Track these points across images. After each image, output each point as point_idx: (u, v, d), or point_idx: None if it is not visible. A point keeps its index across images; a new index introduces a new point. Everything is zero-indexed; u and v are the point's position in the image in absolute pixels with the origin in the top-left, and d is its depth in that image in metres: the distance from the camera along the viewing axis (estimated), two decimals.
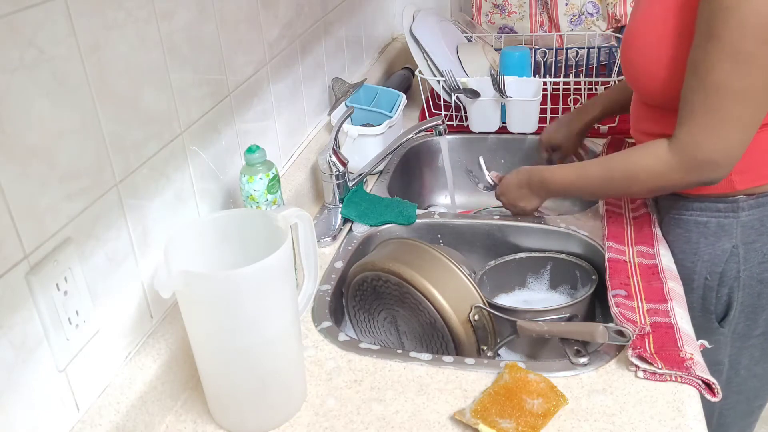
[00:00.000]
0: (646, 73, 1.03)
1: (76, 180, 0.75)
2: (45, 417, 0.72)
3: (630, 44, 1.06)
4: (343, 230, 1.28)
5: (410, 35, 1.65)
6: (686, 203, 1.10)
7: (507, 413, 0.83)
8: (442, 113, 1.68)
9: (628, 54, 1.07)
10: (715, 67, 0.91)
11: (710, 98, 0.93)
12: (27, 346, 0.69)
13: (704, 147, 0.96)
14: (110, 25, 0.80)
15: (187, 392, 0.92)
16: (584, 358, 0.92)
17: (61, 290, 0.72)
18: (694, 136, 0.96)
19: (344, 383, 0.92)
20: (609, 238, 1.13)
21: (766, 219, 1.06)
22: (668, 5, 0.98)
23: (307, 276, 0.95)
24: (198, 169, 1.02)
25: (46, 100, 0.70)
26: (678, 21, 0.97)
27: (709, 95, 0.93)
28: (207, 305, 0.78)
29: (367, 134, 1.44)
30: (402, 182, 1.52)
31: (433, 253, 1.05)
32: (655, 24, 1.00)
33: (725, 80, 0.91)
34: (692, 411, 0.83)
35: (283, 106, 1.32)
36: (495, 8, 2.03)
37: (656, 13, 1.00)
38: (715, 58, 0.91)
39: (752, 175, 1.04)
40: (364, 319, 1.12)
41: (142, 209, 0.88)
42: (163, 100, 0.92)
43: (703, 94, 0.93)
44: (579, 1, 1.94)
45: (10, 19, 0.65)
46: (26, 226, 0.68)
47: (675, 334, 0.91)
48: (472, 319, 1.00)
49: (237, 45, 1.12)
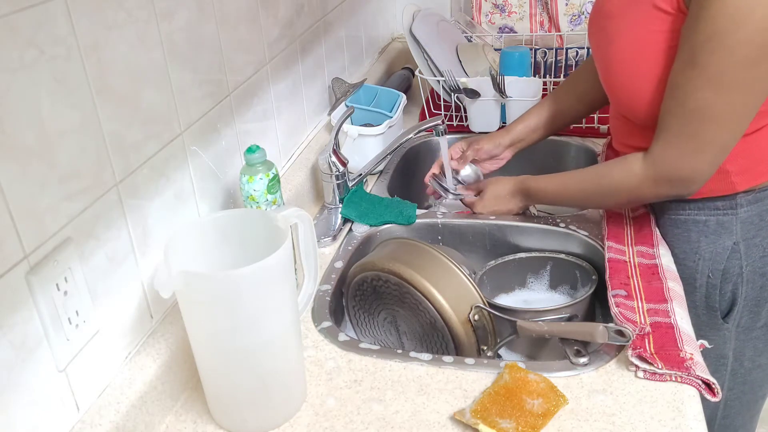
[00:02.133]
0: (632, 92, 1.04)
1: (76, 180, 0.75)
2: (45, 417, 0.72)
3: (615, 70, 1.05)
4: (343, 230, 1.28)
5: (410, 35, 1.65)
6: (683, 203, 1.11)
7: (507, 413, 0.83)
8: (442, 113, 1.68)
9: (612, 79, 1.07)
10: (696, 93, 0.93)
11: (688, 122, 0.95)
12: (27, 346, 0.69)
13: (678, 166, 0.99)
14: (110, 25, 0.80)
15: (187, 392, 0.92)
16: (584, 358, 0.92)
17: (61, 290, 0.72)
18: (670, 154, 0.99)
19: (344, 383, 0.92)
20: (609, 238, 1.13)
21: (764, 214, 1.06)
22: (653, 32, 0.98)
23: (307, 276, 0.96)
24: (198, 169, 1.02)
25: (46, 100, 0.70)
26: (666, 46, 0.97)
27: (687, 119, 0.95)
28: (207, 305, 0.78)
29: (367, 134, 1.44)
30: (402, 182, 1.52)
31: (433, 253, 1.05)
32: (642, 51, 1.00)
33: (705, 106, 0.93)
34: (692, 411, 0.83)
35: (283, 106, 1.32)
36: (495, 8, 2.03)
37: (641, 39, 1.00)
38: (696, 84, 0.92)
39: (752, 175, 1.05)
40: (364, 319, 1.12)
41: (142, 209, 0.88)
42: (163, 100, 0.92)
43: (682, 117, 0.96)
44: (579, 1, 1.95)
45: (10, 19, 0.65)
46: (26, 226, 0.68)
47: (675, 334, 0.91)
48: (472, 319, 1.00)
49: (237, 45, 1.12)
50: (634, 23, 1.01)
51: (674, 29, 0.96)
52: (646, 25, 0.99)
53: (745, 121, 0.95)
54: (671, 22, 0.96)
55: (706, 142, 0.96)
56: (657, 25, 0.97)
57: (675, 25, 0.95)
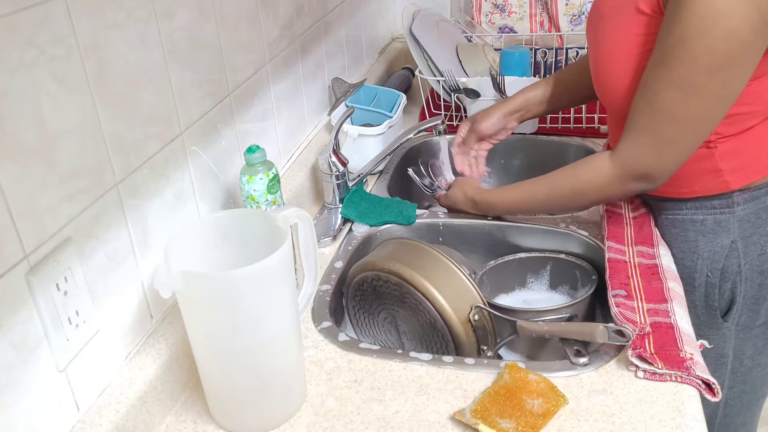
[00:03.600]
0: (616, 96, 1.05)
1: (76, 180, 0.75)
2: (45, 417, 0.72)
3: (601, 70, 1.07)
4: (343, 230, 1.28)
5: (410, 35, 1.64)
6: (679, 203, 1.11)
7: (507, 413, 0.83)
8: (442, 113, 1.68)
9: (599, 78, 1.09)
10: (662, 93, 0.94)
11: (654, 120, 0.97)
12: (27, 346, 0.69)
13: (642, 162, 1.01)
14: (110, 25, 0.80)
15: (187, 392, 0.92)
16: (584, 358, 0.92)
17: (61, 290, 0.72)
18: (634, 151, 1.01)
19: (344, 383, 0.92)
20: (609, 238, 1.13)
21: (761, 212, 1.07)
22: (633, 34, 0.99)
23: (307, 276, 0.96)
24: (198, 169, 1.02)
25: (46, 100, 0.70)
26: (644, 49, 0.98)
27: (653, 117, 0.97)
28: (207, 305, 0.78)
29: (367, 134, 1.44)
30: (402, 182, 1.52)
31: (433, 253, 1.05)
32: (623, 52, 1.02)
33: (669, 106, 0.95)
34: (692, 411, 0.83)
35: (283, 106, 1.32)
36: (495, 8, 2.03)
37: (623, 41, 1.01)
38: (663, 85, 0.94)
39: (746, 173, 1.05)
40: (364, 319, 1.12)
41: (142, 209, 0.88)
42: (163, 100, 0.92)
43: (648, 115, 0.97)
44: (579, 1, 1.95)
45: (10, 19, 0.65)
46: (26, 226, 0.68)
47: (675, 334, 0.91)
48: (472, 319, 1.00)
49: (237, 45, 1.12)
50: (619, 26, 1.02)
51: (651, 32, 0.97)
52: (627, 28, 1.00)
53: (708, 124, 0.97)
54: (648, 24, 0.97)
55: (670, 142, 0.98)
56: (636, 28, 0.99)
57: (652, 27, 0.97)
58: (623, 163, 1.03)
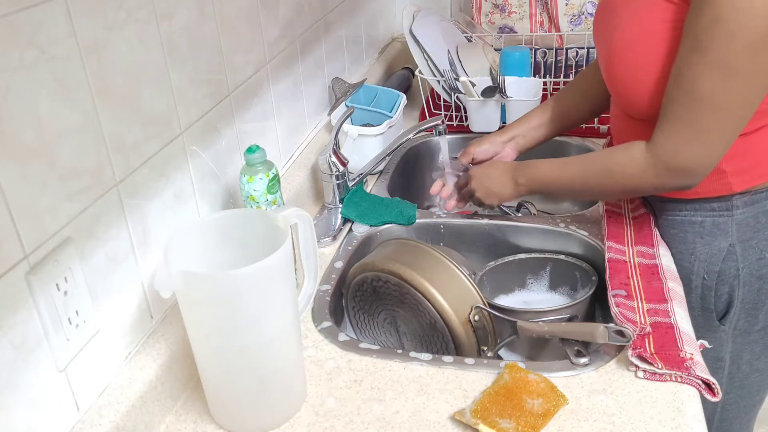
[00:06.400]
0: (635, 87, 1.03)
1: (76, 180, 0.75)
2: (45, 417, 0.72)
3: (617, 60, 1.04)
4: (343, 230, 1.28)
5: (410, 35, 1.64)
6: (679, 204, 1.11)
7: (507, 413, 0.83)
8: (442, 113, 1.68)
9: (614, 69, 1.06)
10: (700, 79, 0.91)
11: (693, 110, 0.94)
12: (27, 346, 0.69)
13: (682, 155, 0.97)
14: (110, 25, 0.80)
15: (187, 392, 0.92)
16: (584, 358, 0.92)
17: (61, 290, 0.72)
18: (674, 143, 0.97)
19: (344, 383, 0.92)
20: (609, 238, 1.13)
21: (760, 216, 1.06)
22: (656, 21, 0.97)
23: (307, 276, 0.95)
24: (198, 169, 1.02)
25: (46, 100, 0.70)
26: (669, 36, 0.96)
27: (692, 107, 0.94)
28: (207, 305, 0.78)
29: (367, 134, 1.44)
30: (402, 182, 1.52)
31: (433, 254, 1.05)
32: (644, 40, 0.99)
33: (710, 93, 0.91)
34: (692, 411, 0.83)
35: (283, 106, 1.32)
36: (495, 8, 2.03)
37: (644, 29, 0.99)
38: (701, 71, 0.91)
39: (749, 176, 1.04)
40: (364, 320, 1.12)
41: (142, 209, 0.88)
42: (163, 100, 0.92)
43: (687, 105, 0.94)
44: (579, 1, 1.94)
45: (10, 19, 0.65)
46: (26, 226, 0.68)
47: (675, 334, 0.91)
48: (472, 319, 1.00)
49: (237, 45, 1.12)
50: (638, 12, 1.00)
51: (678, 19, 0.95)
52: (650, 14, 0.98)
53: (749, 109, 0.94)
54: (675, 11, 0.95)
55: (710, 130, 0.94)
56: (661, 14, 0.97)
57: (678, 15, 0.94)
58: (660, 155, 0.99)
